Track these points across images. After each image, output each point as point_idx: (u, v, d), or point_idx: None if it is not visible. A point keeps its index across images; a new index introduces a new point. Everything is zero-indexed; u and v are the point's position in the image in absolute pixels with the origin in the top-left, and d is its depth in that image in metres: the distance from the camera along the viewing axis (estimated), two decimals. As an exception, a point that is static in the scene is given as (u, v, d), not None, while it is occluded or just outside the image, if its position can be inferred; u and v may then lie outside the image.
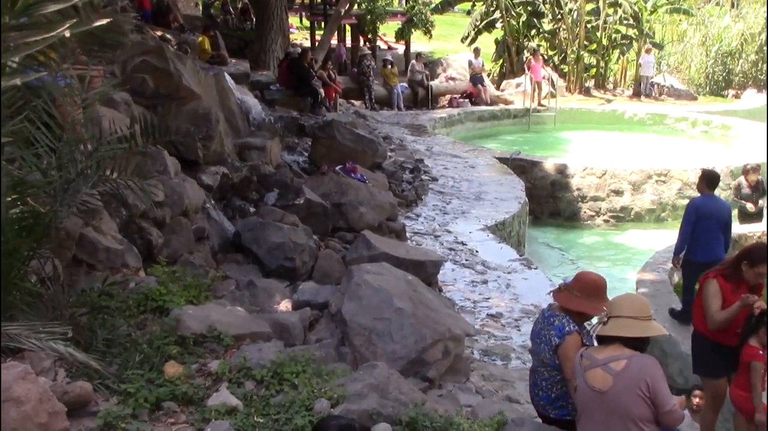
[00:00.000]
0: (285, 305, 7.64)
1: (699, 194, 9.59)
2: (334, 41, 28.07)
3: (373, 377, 5.27)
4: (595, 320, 4.86)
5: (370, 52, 28.28)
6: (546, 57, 30.91)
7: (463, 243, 12.24)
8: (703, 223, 9.06)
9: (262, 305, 7.54)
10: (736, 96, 32.03)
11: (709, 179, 9.43)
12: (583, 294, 5.02)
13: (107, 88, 6.81)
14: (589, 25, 30.66)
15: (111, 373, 4.95)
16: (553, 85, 27.12)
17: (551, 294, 6.08)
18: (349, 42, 31.04)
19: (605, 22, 30.70)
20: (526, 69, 26.98)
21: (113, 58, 9.33)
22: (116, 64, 10.02)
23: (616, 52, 32.28)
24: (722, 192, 17.73)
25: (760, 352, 5.85)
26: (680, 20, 35.38)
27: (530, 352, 5.42)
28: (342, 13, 25.20)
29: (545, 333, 5.07)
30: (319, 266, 8.99)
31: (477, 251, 11.90)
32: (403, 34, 30.95)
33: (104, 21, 5.02)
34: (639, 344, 4.43)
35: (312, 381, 5.21)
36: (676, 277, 11.04)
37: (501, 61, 31.51)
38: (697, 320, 6.62)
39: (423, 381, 6.51)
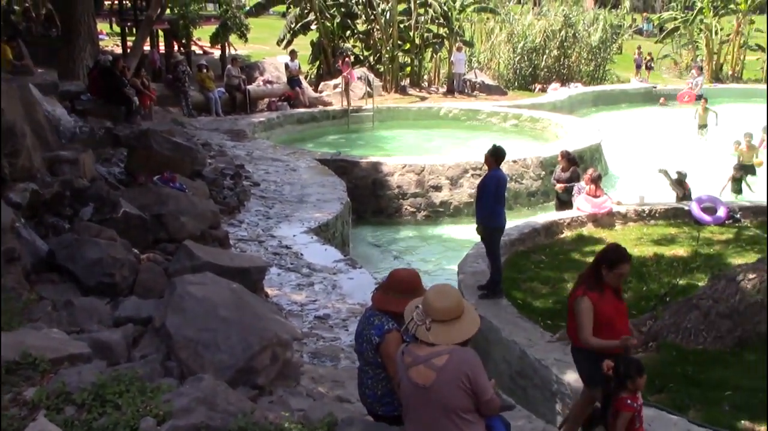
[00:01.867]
0: (106, 323, 7.41)
1: (489, 169, 10.51)
2: (147, 47, 27.38)
3: (199, 390, 5.20)
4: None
5: (184, 57, 27.81)
6: (362, 57, 31.47)
7: (287, 247, 12.25)
8: (500, 193, 10.25)
9: (81, 325, 7.26)
10: (543, 90, 33.77)
11: (498, 155, 10.40)
12: (397, 293, 5.12)
13: None
14: (401, 25, 31.39)
15: None
16: (369, 85, 27.57)
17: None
18: (162, 48, 30.37)
19: (417, 21, 31.52)
20: (343, 71, 27.27)
21: None
22: None
23: (429, 51, 33.23)
24: (534, 182, 18.66)
25: (628, 401, 6.06)
26: (487, 19, 36.87)
27: (356, 352, 5.51)
28: (153, 19, 24.58)
29: (366, 333, 5.17)
30: (140, 280, 8.75)
31: (302, 254, 11.95)
32: (218, 39, 30.57)
33: None
34: None
35: (136, 400, 5.07)
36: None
37: (317, 62, 31.77)
38: (573, 336, 6.65)
39: (253, 389, 6.48)
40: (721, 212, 14.50)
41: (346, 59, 27.80)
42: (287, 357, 7.08)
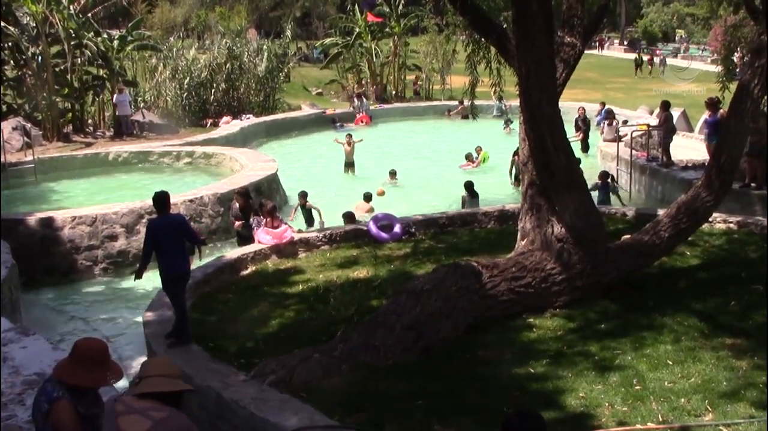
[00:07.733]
0: None
1: (159, 215, 10.24)
2: None
3: None
4: None
5: None
6: (15, 106, 29.64)
7: (-60, 328, 10.96)
8: (165, 241, 9.93)
9: None
10: (215, 124, 33.59)
11: (162, 201, 10.10)
12: (83, 365, 4.99)
13: None
14: (57, 69, 30.04)
15: None
16: (27, 135, 25.96)
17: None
18: None
19: (74, 64, 30.25)
20: None
21: None
22: None
23: (91, 94, 32.03)
24: (214, 220, 18.40)
25: None
26: (150, 56, 36.23)
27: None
28: None
29: (37, 401, 5.04)
30: None
31: (-37, 331, 10.75)
32: None
33: None
34: (174, 401, 4.59)
35: None
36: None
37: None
38: None
39: None
40: (397, 229, 15.13)
41: None
42: (-51, 453, 6.27)
